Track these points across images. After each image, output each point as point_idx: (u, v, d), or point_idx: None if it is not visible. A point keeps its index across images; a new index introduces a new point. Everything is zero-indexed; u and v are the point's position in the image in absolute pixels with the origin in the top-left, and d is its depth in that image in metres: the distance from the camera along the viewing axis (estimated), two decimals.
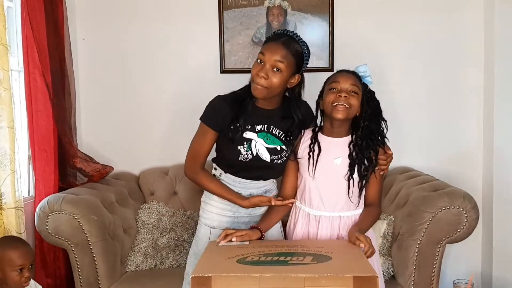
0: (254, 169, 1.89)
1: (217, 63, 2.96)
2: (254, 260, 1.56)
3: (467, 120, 2.94)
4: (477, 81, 2.90)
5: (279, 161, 1.88)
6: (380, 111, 1.91)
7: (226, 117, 1.84)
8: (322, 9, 2.91)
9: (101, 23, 2.99)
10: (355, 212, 1.89)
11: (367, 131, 1.84)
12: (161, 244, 2.65)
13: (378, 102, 1.91)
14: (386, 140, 1.91)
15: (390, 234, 2.49)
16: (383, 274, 2.41)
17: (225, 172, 1.92)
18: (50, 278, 2.52)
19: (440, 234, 2.34)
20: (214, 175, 1.94)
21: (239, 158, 1.85)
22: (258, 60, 1.80)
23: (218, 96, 1.90)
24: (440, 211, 2.32)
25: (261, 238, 1.83)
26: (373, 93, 1.91)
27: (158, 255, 2.62)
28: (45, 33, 2.44)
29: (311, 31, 2.93)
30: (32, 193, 2.57)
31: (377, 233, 2.51)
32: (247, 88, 1.86)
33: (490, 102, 2.81)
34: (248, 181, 1.91)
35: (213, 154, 1.98)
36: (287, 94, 1.90)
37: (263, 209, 1.97)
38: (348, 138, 1.88)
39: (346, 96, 1.80)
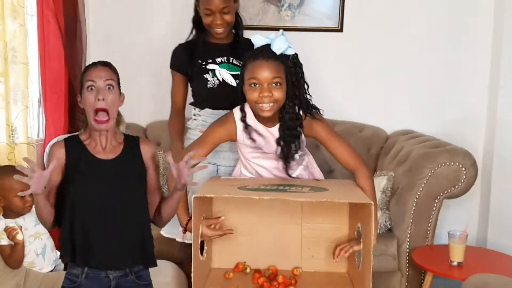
0: (225, 96, 1.95)
1: None
2: (254, 187, 1.62)
3: (472, 85, 2.95)
4: (484, 48, 2.90)
5: None
6: (303, 76, 1.74)
7: (185, 57, 2.05)
8: None
9: None
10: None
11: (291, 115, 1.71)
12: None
13: (301, 66, 1.73)
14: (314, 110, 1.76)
15: (389, 189, 2.54)
16: (380, 226, 2.47)
17: (202, 109, 2.06)
18: None
19: (438, 189, 2.39)
20: (194, 114, 2.11)
21: (208, 85, 2.01)
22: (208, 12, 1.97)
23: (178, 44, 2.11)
24: (440, 167, 2.37)
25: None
26: (296, 56, 1.72)
27: None
28: None
29: None
30: (42, 136, 2.63)
31: (376, 188, 2.55)
32: (196, 30, 2.07)
33: (496, 67, 2.82)
34: (226, 111, 1.92)
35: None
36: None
37: None
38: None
39: (269, 95, 1.64)
